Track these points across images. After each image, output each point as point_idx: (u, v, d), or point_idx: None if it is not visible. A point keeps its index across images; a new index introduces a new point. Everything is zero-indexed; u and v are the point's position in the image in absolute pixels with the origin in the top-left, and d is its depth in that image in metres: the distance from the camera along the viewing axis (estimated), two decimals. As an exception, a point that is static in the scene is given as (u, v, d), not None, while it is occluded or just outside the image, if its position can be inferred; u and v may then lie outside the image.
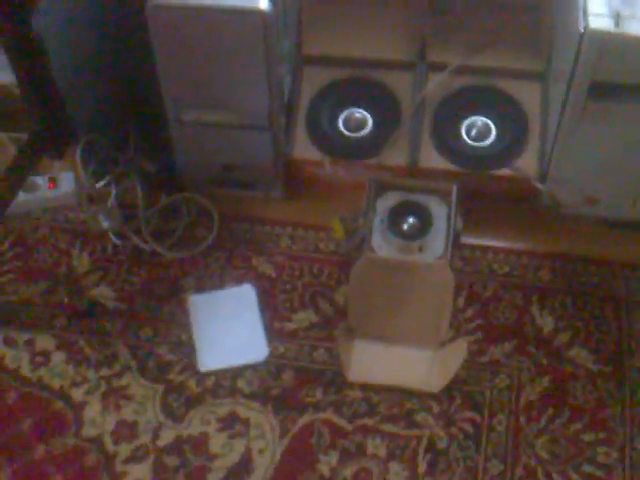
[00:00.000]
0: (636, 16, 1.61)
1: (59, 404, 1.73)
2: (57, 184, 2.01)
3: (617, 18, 1.61)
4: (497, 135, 1.97)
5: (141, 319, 1.85)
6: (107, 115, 2.00)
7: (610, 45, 1.62)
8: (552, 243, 1.93)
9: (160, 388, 1.74)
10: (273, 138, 1.89)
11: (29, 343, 1.81)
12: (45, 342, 1.81)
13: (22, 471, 1.63)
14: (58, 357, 1.79)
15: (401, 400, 1.71)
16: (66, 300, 1.86)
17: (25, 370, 1.78)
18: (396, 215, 1.85)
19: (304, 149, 1.97)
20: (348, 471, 1.64)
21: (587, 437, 1.68)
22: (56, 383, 1.75)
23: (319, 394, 1.73)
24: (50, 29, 1.76)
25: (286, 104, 1.94)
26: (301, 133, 1.99)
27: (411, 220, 1.85)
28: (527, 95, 1.98)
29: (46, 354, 1.80)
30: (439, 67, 2.00)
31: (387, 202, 1.88)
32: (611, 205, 1.93)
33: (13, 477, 1.62)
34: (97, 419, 1.70)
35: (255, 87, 1.79)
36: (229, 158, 1.95)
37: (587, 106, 1.73)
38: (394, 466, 1.64)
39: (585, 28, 1.61)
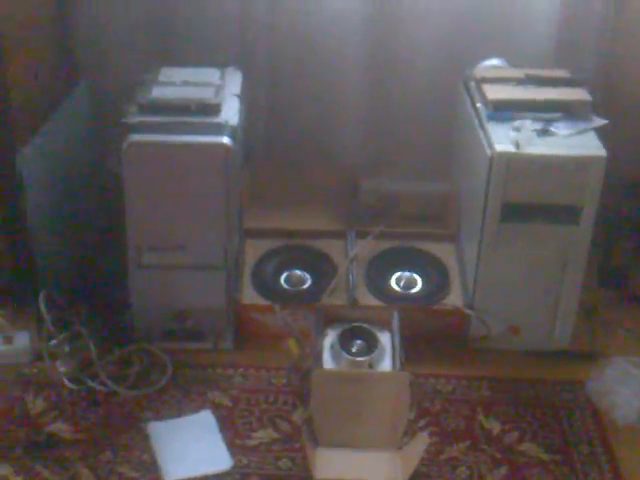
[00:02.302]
0: (531, 143, 1.98)
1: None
2: (12, 342, 2.07)
3: (517, 144, 1.97)
4: (423, 284, 2.23)
5: (100, 446, 1.84)
6: (69, 271, 2.14)
7: (514, 165, 1.96)
8: (486, 371, 2.09)
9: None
10: (227, 278, 2.06)
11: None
12: (2, 470, 1.76)
13: None
14: (16, 482, 1.75)
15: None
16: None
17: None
18: (345, 339, 2.00)
19: (251, 299, 2.15)
20: None
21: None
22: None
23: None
24: (32, 169, 1.97)
25: (235, 258, 2.14)
26: (248, 286, 2.17)
27: (359, 342, 2.01)
28: (444, 252, 2.30)
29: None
30: (366, 235, 2.30)
31: (335, 331, 2.04)
32: (531, 335, 2.14)
33: None
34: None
35: (214, 224, 2.00)
36: (184, 303, 2.08)
37: (500, 228, 2.02)
38: None
39: (493, 153, 1.96)
